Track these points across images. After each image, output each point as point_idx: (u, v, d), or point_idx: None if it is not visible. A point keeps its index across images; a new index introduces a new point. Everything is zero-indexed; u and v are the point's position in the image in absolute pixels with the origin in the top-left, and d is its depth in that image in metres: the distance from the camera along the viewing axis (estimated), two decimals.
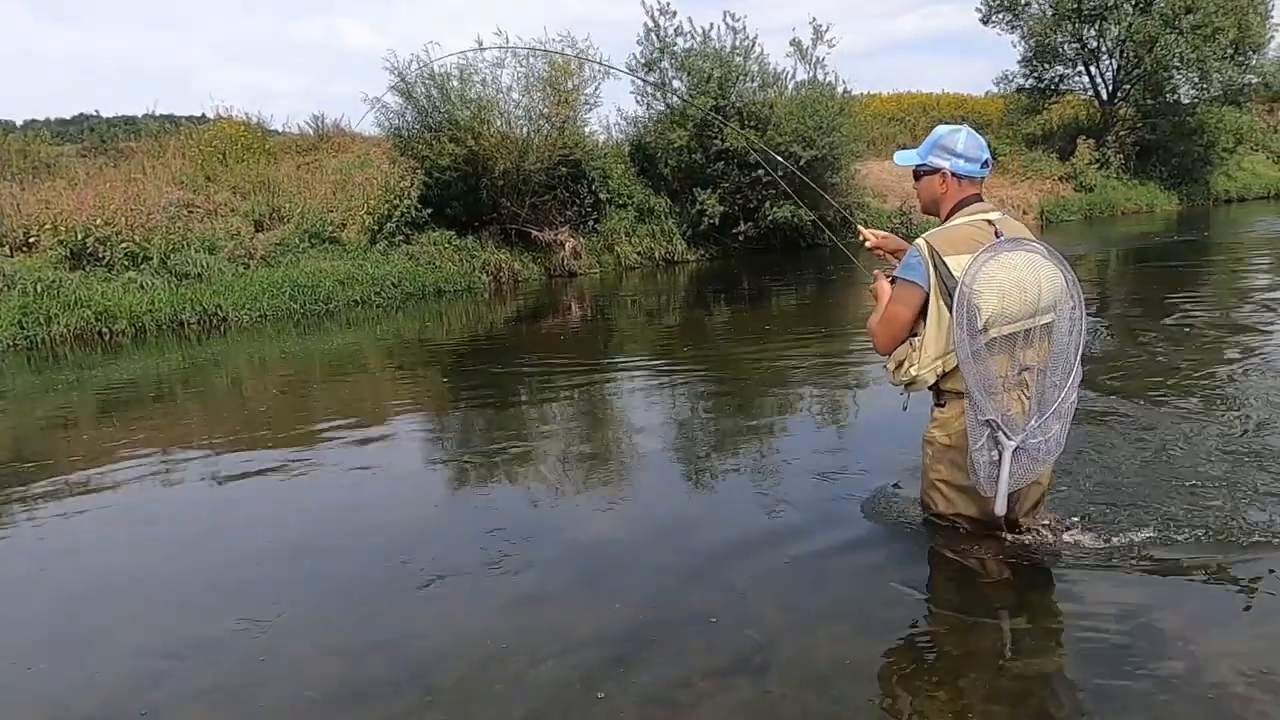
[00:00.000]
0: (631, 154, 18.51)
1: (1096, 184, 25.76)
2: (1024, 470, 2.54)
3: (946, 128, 2.73)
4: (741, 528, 3.30)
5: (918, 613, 2.59)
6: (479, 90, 15.25)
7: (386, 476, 4.43)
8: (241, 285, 12.44)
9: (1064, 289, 2.54)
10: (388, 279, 13.73)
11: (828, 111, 17.66)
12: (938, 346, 2.58)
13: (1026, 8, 27.79)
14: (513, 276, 15.43)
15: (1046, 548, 2.75)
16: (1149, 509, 3.00)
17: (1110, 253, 15.23)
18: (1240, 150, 30.55)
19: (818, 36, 18.09)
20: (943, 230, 2.64)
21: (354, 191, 15.12)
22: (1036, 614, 2.52)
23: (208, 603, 3.02)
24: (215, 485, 4.49)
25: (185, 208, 13.61)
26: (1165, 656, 2.19)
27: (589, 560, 3.12)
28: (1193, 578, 2.58)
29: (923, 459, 2.80)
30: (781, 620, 2.52)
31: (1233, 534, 2.77)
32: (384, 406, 6.39)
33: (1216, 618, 2.36)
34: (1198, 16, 24.33)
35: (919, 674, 2.26)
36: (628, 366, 7.48)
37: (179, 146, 16.74)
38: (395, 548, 3.41)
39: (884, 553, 2.94)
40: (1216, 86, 26.37)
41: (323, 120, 19.52)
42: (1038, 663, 2.26)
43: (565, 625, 2.61)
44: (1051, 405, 2.55)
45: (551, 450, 4.69)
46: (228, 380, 8.15)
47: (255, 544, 3.57)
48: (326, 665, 2.51)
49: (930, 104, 31.07)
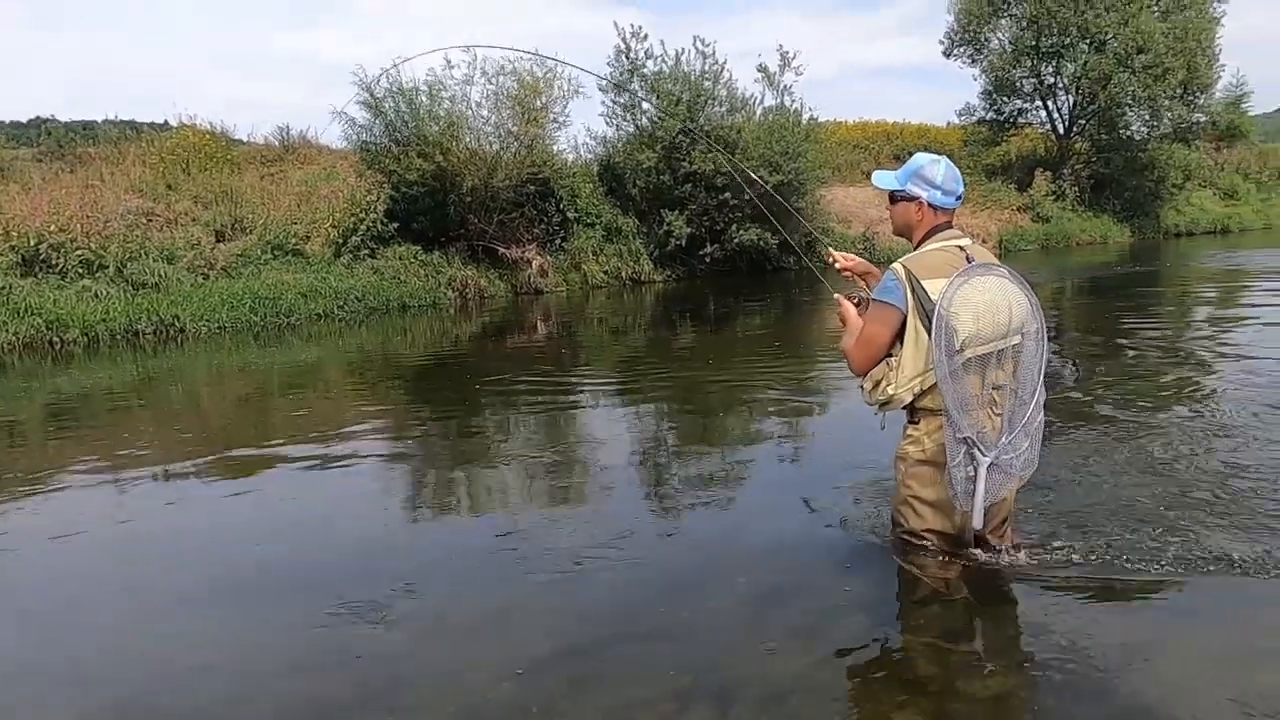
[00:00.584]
0: (600, 174, 18.61)
1: (1053, 215, 26.51)
2: (998, 485, 2.61)
3: (928, 157, 2.79)
4: (705, 545, 3.30)
5: (880, 632, 2.60)
6: (448, 106, 15.24)
7: (347, 494, 4.36)
8: (200, 296, 12.21)
9: (1030, 312, 2.64)
10: (351, 293, 13.58)
11: (794, 137, 17.96)
12: (914, 366, 2.63)
13: (987, 43, 28.65)
14: (479, 293, 15.37)
15: (1010, 567, 2.79)
16: (1106, 531, 3.07)
17: (1066, 282, 15.63)
18: (1189, 186, 31.70)
19: (785, 63, 18.41)
20: (918, 255, 2.70)
21: (319, 204, 14.98)
22: (997, 634, 2.55)
23: (161, 622, 2.93)
24: (167, 502, 4.37)
25: (144, 216, 13.36)
26: (1117, 679, 2.23)
27: (551, 580, 3.09)
28: (1145, 599, 2.64)
29: (896, 475, 2.84)
30: (744, 639, 2.52)
31: (1184, 558, 2.84)
32: (345, 422, 6.29)
33: (1165, 639, 2.41)
34: (1149, 57, 25.27)
35: (879, 694, 2.27)
36: (593, 386, 7.48)
37: (140, 153, 16.46)
38: (356, 566, 3.35)
39: (848, 571, 2.96)
40: (1167, 124, 27.39)
41: (289, 131, 19.37)
42: (995, 683, 2.28)
43: (526, 645, 2.58)
44: (1020, 423, 2.62)
45: (515, 469, 4.66)
46: (183, 393, 7.97)
47: (212, 562, 3.48)
48: (287, 684, 2.45)
49: (894, 133, 31.74)
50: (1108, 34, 25.80)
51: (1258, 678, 2.20)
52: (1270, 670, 2.22)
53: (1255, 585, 2.69)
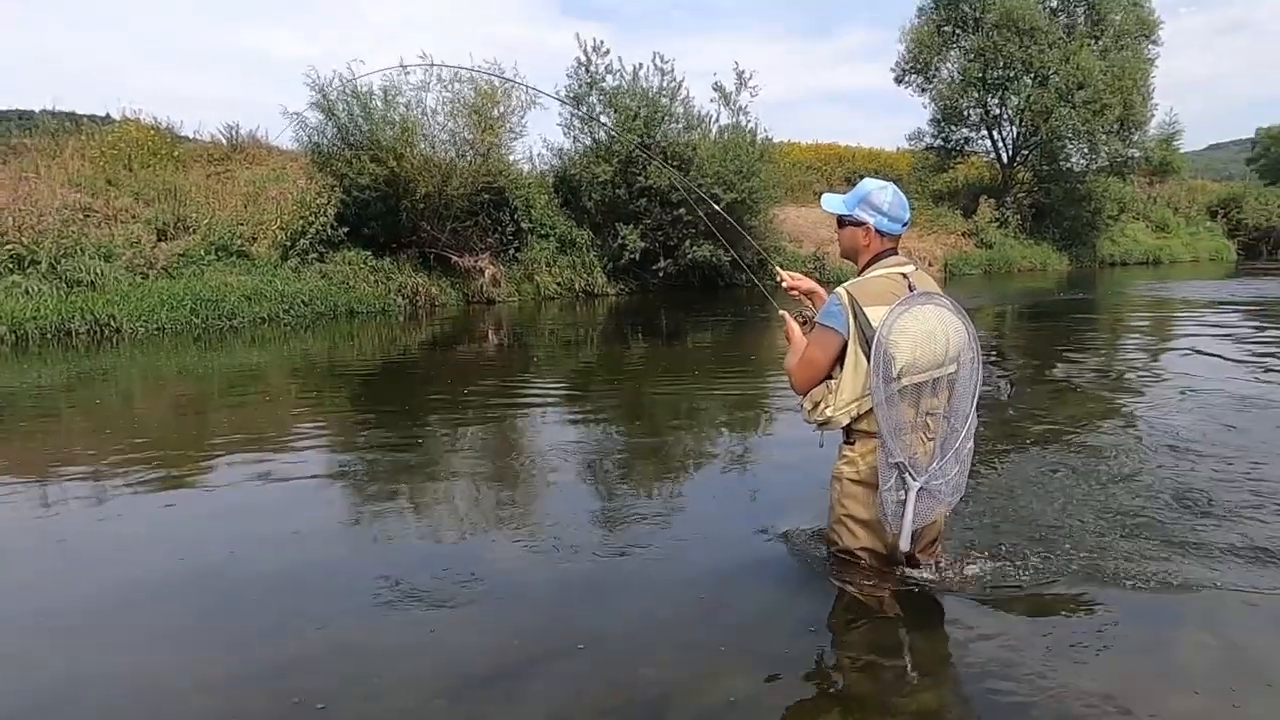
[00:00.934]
0: (555, 185, 18.64)
1: (996, 241, 27.37)
2: (927, 509, 2.67)
3: (876, 183, 2.85)
4: (644, 561, 3.31)
5: (815, 648, 2.64)
6: (403, 112, 15.12)
7: (281, 503, 4.26)
8: (139, 296, 11.86)
9: (966, 342, 2.71)
10: (298, 297, 13.32)
11: (748, 157, 18.23)
12: (853, 391, 2.69)
13: (937, 73, 29.55)
14: (429, 301, 15.21)
15: (941, 585, 2.86)
16: (1034, 550, 3.16)
17: (1008, 307, 16.11)
18: (1123, 218, 33.09)
19: (741, 83, 18.70)
20: (861, 282, 2.76)
21: (267, 205, 14.69)
22: (928, 650, 2.60)
23: (72, 635, 2.82)
24: (91, 507, 4.22)
25: (81, 211, 12.92)
26: (1043, 696, 2.29)
27: (488, 594, 3.06)
28: (1071, 617, 2.72)
29: (831, 494, 2.89)
30: (680, 656, 2.53)
31: (1111, 576, 2.94)
32: (285, 430, 6.16)
33: (1091, 657, 2.49)
34: (1088, 92, 26.36)
35: (813, 710, 2.30)
36: (542, 398, 7.45)
37: (79, 146, 15.91)
38: (283, 579, 3.27)
39: (785, 587, 2.99)
40: (1104, 158, 28.58)
41: (237, 130, 18.97)
42: (926, 698, 2.33)
43: (458, 661, 2.55)
44: (951, 449, 2.69)
45: (457, 482, 4.61)
46: (117, 396, 7.71)
47: (134, 571, 3.37)
48: (204, 700, 2.38)
49: (846, 156, 32.46)
50: (1050, 69, 26.85)
51: (1173, 699, 2.28)
52: (1186, 691, 2.31)
53: (1179, 603, 2.79)
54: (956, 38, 29.18)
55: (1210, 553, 3.15)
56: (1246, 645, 2.54)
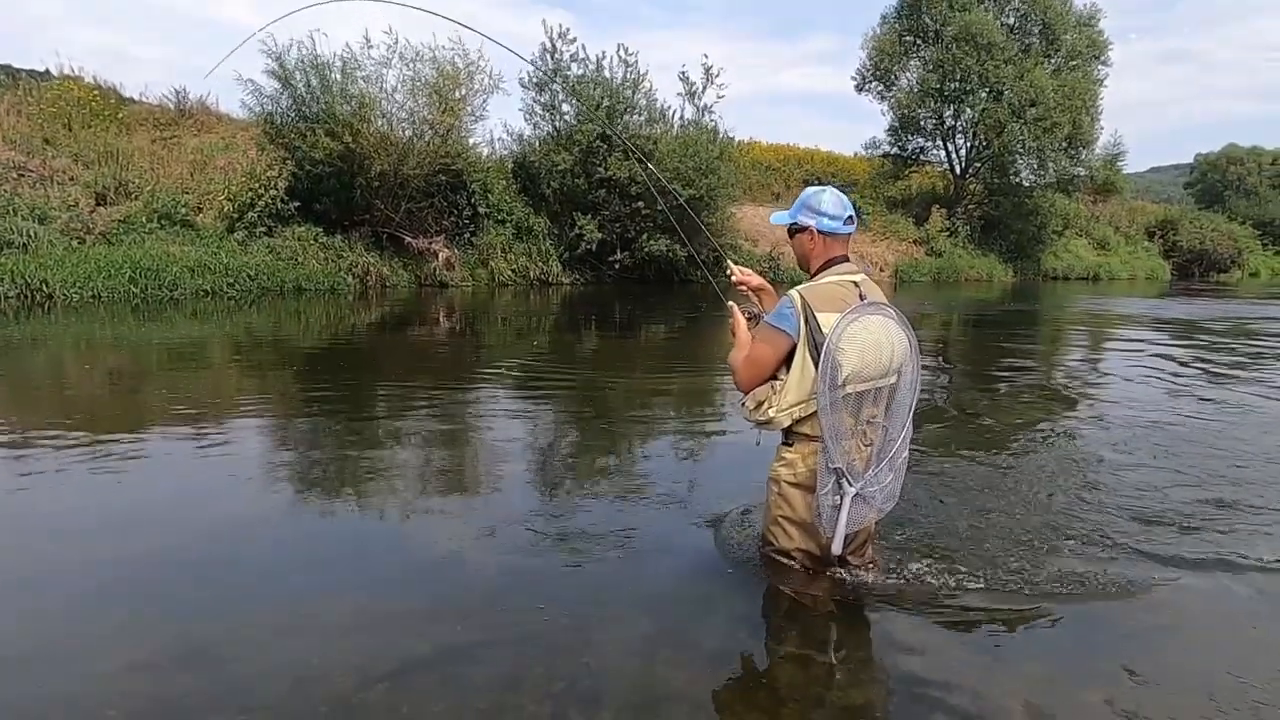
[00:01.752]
0: (514, 171, 18.49)
1: (945, 250, 28.01)
2: (860, 515, 2.73)
3: (812, 189, 2.90)
4: (587, 555, 3.33)
5: (750, 644, 2.69)
6: (362, 86, 14.82)
7: (215, 482, 4.17)
8: (74, 261, 11.44)
9: (908, 354, 2.77)
10: (244, 270, 13.01)
11: (708, 154, 18.31)
12: (797, 394, 2.72)
13: (896, 81, 30.07)
14: (380, 281, 14.98)
15: (873, 585, 2.95)
16: (960, 555, 3.27)
17: (954, 315, 16.51)
18: (1067, 234, 34.14)
19: (709, 79, 18.74)
20: (813, 286, 2.78)
21: (214, 174, 14.29)
22: (856, 649, 2.68)
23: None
24: (11, 478, 4.08)
25: (15, 170, 12.40)
26: (966, 694, 2.38)
27: (431, 580, 3.06)
28: (995, 618, 2.82)
29: (767, 495, 2.93)
30: (619, 647, 2.56)
31: (1035, 579, 3.06)
32: (223, 406, 6.01)
33: (1012, 657, 2.59)
34: (1039, 110, 27.12)
35: (747, 704, 2.36)
36: (491, 385, 7.41)
37: (15, 102, 15.24)
38: (219, 558, 3.21)
39: (723, 584, 3.04)
40: (1051, 174, 29.46)
41: (185, 95, 18.37)
42: (854, 694, 2.40)
43: (401, 646, 2.54)
44: (887, 457, 2.75)
45: (401, 466, 4.57)
46: (45, 364, 7.43)
47: (56, 546, 3.27)
48: (132, 682, 2.33)
49: (805, 158, 32.84)
50: (1005, 85, 27.55)
51: (1090, 695, 2.39)
52: (1101, 690, 2.42)
53: (1098, 605, 2.92)
54: (917, 48, 29.75)
55: (1138, 556, 3.29)
56: (1167, 647, 2.67)
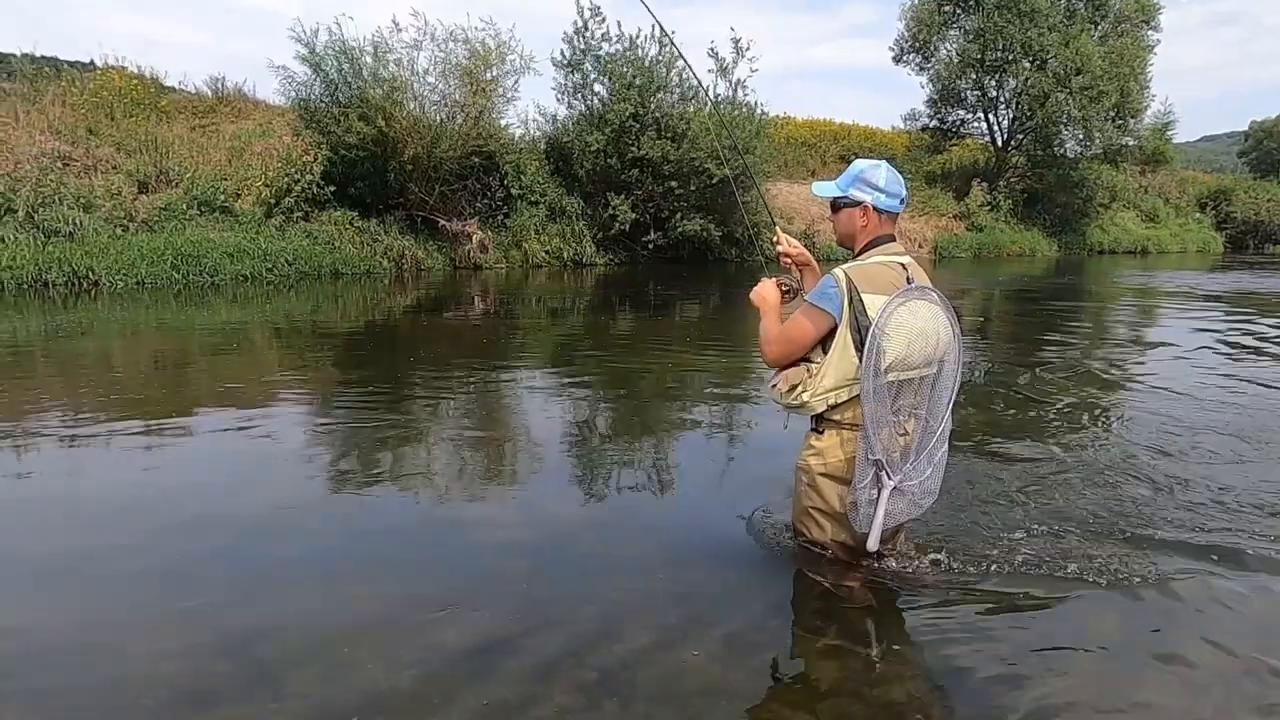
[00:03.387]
0: (547, 152, 18.41)
1: (987, 225, 27.36)
2: (898, 510, 2.64)
3: (867, 162, 2.76)
4: (619, 542, 3.30)
5: (783, 636, 2.64)
6: (393, 70, 14.84)
7: (255, 469, 4.22)
8: (118, 249, 11.68)
9: (951, 342, 2.65)
10: (282, 255, 13.18)
11: (744, 132, 18.03)
12: (835, 378, 2.61)
13: (935, 52, 29.29)
14: (415, 264, 15.08)
15: (908, 576, 2.86)
16: (1000, 542, 3.17)
17: (995, 291, 16.14)
18: (1114, 206, 33.11)
19: (739, 53, 18.41)
20: (861, 266, 2.66)
21: (252, 160, 14.44)
22: (894, 640, 2.61)
23: (29, 593, 2.79)
24: (60, 465, 4.17)
25: (61, 160, 12.66)
26: (1002, 685, 2.31)
27: (461, 568, 3.05)
28: (1039, 610, 2.73)
29: (796, 486, 2.85)
30: (649, 638, 2.52)
31: (1081, 570, 2.95)
32: (264, 391, 6.09)
33: (1058, 650, 2.50)
34: (1086, 78, 26.21)
35: (780, 697, 2.31)
36: (526, 368, 7.41)
37: (59, 93, 15.55)
38: (253, 545, 3.24)
39: (756, 574, 2.99)
40: (1098, 145, 28.50)
41: (223, 82, 18.61)
42: (892, 689, 2.34)
43: (429, 634, 2.54)
44: (925, 450, 2.66)
45: (436, 453, 4.58)
46: (93, 350, 7.60)
47: (98, 530, 3.33)
48: (166, 665, 2.35)
49: (841, 133, 32.24)
50: (1049, 53, 26.66)
51: (1142, 692, 2.30)
52: (1153, 686, 2.33)
53: (1151, 596, 2.81)
54: (957, 17, 28.91)
55: (1185, 549, 3.17)
56: (1221, 641, 2.56)
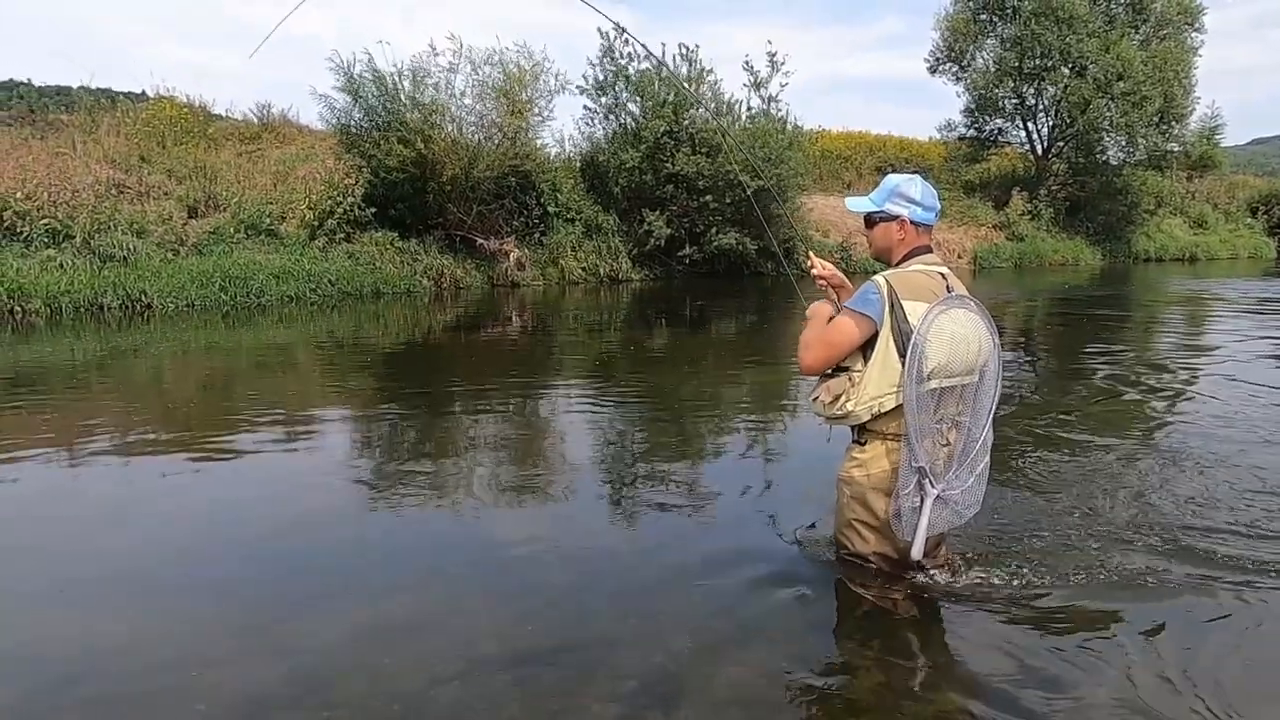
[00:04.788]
0: (582, 169, 18.59)
1: (1028, 234, 26.90)
2: (941, 519, 2.62)
3: (901, 177, 2.79)
4: (659, 554, 3.31)
5: (825, 648, 2.63)
6: (431, 94, 15.14)
7: (302, 482, 4.31)
8: (170, 272, 12.04)
9: (992, 351, 2.65)
10: (325, 276, 13.46)
11: (777, 144, 18.03)
12: (878, 386, 2.60)
13: (972, 62, 28.98)
14: (454, 283, 15.29)
15: (951, 587, 2.83)
16: (1044, 554, 3.12)
17: (1038, 301, 15.86)
18: (1160, 213, 32.33)
19: (774, 67, 18.43)
20: (901, 273, 2.67)
21: (296, 184, 14.82)
22: (937, 652, 2.58)
23: (87, 604, 2.89)
24: (115, 481, 4.31)
25: (115, 187, 13.13)
26: (1052, 699, 2.27)
27: (503, 580, 3.09)
28: (1088, 622, 2.68)
29: (838, 498, 2.84)
30: (690, 648, 2.53)
31: (1130, 583, 2.89)
32: (310, 409, 6.23)
33: (1100, 662, 2.46)
34: (1128, 84, 25.71)
35: (823, 708, 2.29)
36: (564, 384, 7.47)
37: (114, 123, 16.14)
38: (301, 556, 3.32)
39: (797, 586, 2.97)
40: (1142, 151, 27.90)
41: (268, 109, 19.13)
42: (935, 702, 2.31)
43: (472, 645, 2.57)
44: (968, 459, 2.64)
45: (476, 466, 4.64)
46: (147, 371, 7.85)
47: (152, 543, 3.44)
48: (219, 675, 2.42)
49: (877, 145, 32.01)
50: (1088, 59, 26.23)
51: (1195, 703, 2.24)
52: (1199, 704, 2.27)
53: (1200, 608, 2.74)
54: (993, 26, 28.60)
55: (1236, 562, 3.09)
56: (1271, 655, 2.49)
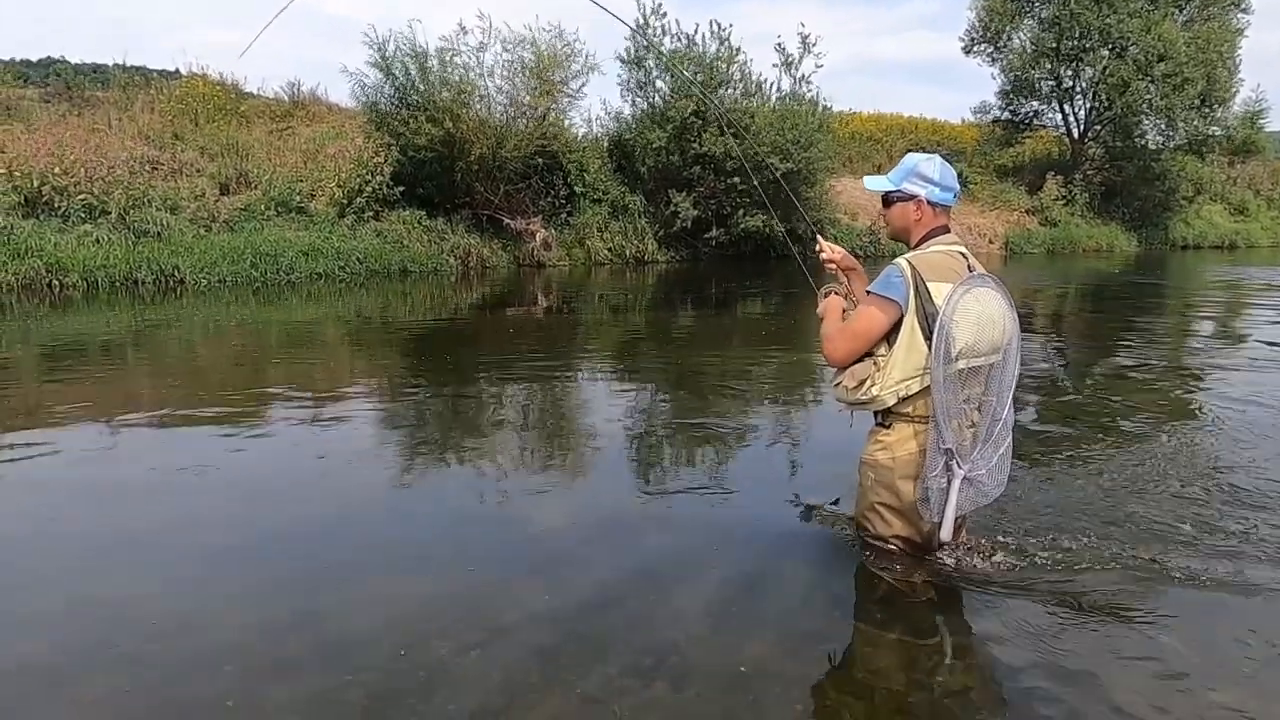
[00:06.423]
0: (610, 150, 18.51)
1: (1061, 220, 26.40)
2: (968, 499, 2.62)
3: (920, 156, 2.76)
4: (680, 532, 3.33)
5: (843, 628, 2.64)
6: (461, 74, 15.14)
7: (331, 456, 4.39)
8: (202, 248, 12.22)
9: (1014, 331, 2.63)
10: (353, 254, 13.58)
11: (807, 126, 17.83)
12: (904, 370, 2.59)
13: (1008, 42, 28.35)
14: (481, 262, 15.35)
15: (971, 571, 2.83)
16: (1068, 540, 3.10)
17: (1070, 288, 15.61)
18: (1199, 199, 31.52)
19: (806, 48, 18.19)
20: (923, 255, 2.64)
21: (325, 162, 14.92)
22: (956, 635, 2.58)
23: (126, 569, 2.98)
24: (151, 451, 4.41)
25: (149, 164, 13.32)
26: (1068, 684, 2.27)
27: (524, 553, 3.13)
28: (1107, 608, 2.67)
29: (861, 481, 2.83)
30: (709, 625, 2.56)
31: (1149, 570, 2.87)
32: (339, 385, 6.32)
33: (1117, 648, 2.44)
34: (1169, 65, 25.01)
35: (837, 686, 2.31)
36: (589, 364, 7.50)
37: (148, 100, 16.35)
38: (331, 527, 3.39)
39: (818, 569, 2.99)
40: (1182, 135, 27.18)
41: (299, 87, 19.25)
42: (952, 683, 2.32)
43: (494, 616, 2.62)
44: (991, 438, 2.63)
45: (501, 443, 4.69)
46: (181, 344, 8.00)
47: (186, 512, 3.52)
48: (246, 636, 2.49)
49: (909, 127, 31.51)
50: (1129, 40, 25.53)
51: (1211, 695, 2.23)
52: (1219, 693, 2.25)
53: (1222, 599, 2.72)
54: (1030, 6, 27.94)
55: (1258, 552, 3.05)
56: None
